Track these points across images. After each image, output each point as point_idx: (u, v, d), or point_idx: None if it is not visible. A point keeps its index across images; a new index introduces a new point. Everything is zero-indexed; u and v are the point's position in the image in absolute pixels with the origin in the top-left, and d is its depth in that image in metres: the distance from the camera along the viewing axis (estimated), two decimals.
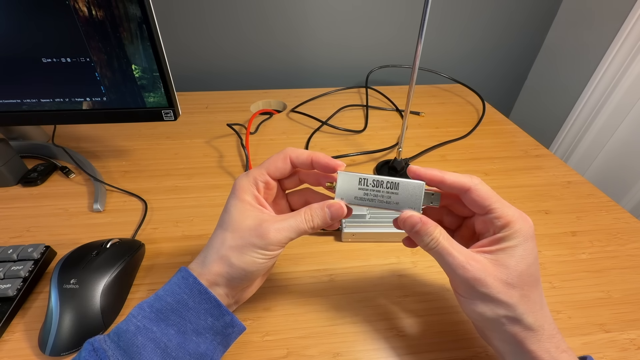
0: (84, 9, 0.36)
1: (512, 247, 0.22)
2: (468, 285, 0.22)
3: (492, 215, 0.23)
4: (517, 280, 0.22)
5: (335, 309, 0.32)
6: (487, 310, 0.22)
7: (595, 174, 0.80)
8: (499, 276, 0.22)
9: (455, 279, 0.23)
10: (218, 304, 0.23)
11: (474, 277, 0.22)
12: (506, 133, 0.61)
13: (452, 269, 0.22)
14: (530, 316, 0.22)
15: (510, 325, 0.22)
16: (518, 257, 0.22)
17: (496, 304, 0.22)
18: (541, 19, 0.81)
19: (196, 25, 0.73)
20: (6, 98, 0.42)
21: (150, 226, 0.41)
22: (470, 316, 0.24)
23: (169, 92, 0.42)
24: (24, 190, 0.46)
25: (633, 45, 0.64)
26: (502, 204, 0.24)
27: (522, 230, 0.22)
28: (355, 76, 0.82)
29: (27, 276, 0.32)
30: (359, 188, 0.25)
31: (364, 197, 0.25)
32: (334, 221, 0.25)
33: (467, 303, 0.23)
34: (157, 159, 0.53)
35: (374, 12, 0.75)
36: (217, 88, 0.78)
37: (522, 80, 0.92)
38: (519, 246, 0.22)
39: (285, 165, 0.26)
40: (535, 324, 0.22)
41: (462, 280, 0.22)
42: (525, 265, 0.22)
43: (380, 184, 0.25)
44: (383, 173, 0.49)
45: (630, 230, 0.41)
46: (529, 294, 0.22)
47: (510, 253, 0.22)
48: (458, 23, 0.79)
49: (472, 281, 0.22)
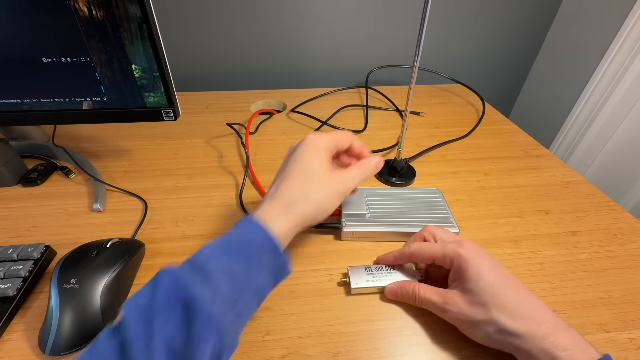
0: (84, 8, 0.36)
1: (465, 275, 0.26)
2: (455, 320, 0.27)
3: (438, 262, 0.29)
4: (484, 296, 0.25)
5: (335, 309, 0.32)
6: (478, 332, 0.26)
7: (595, 174, 0.80)
8: (468, 301, 0.26)
9: (445, 316, 0.28)
10: (276, 246, 0.25)
11: (453, 315, 0.27)
12: (506, 133, 0.61)
13: (438, 311, 0.29)
14: (512, 323, 0.24)
15: (502, 336, 0.25)
16: (473, 279, 0.26)
17: (481, 325, 0.25)
18: (541, 19, 0.81)
19: (197, 26, 0.73)
20: (6, 98, 0.42)
21: (150, 226, 0.41)
22: (477, 341, 0.27)
23: (169, 92, 0.42)
24: (24, 190, 0.46)
25: (633, 45, 0.64)
26: (438, 248, 0.29)
27: (463, 256, 0.27)
28: (356, 76, 0.82)
29: (27, 276, 0.32)
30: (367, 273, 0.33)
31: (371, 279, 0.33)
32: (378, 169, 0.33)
33: (465, 332, 0.28)
34: (157, 159, 0.53)
35: (374, 12, 0.75)
36: (217, 88, 0.78)
37: (522, 80, 0.92)
38: (468, 270, 0.26)
39: (346, 145, 0.33)
40: (519, 329, 0.24)
41: (450, 316, 0.27)
42: (483, 281, 0.26)
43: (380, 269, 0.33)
44: (384, 173, 0.48)
45: (630, 230, 0.41)
46: (503, 303, 0.25)
47: (466, 279, 0.26)
48: (458, 23, 0.79)
49: (454, 315, 0.27)
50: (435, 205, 0.41)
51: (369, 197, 0.42)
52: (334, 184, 0.29)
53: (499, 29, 0.81)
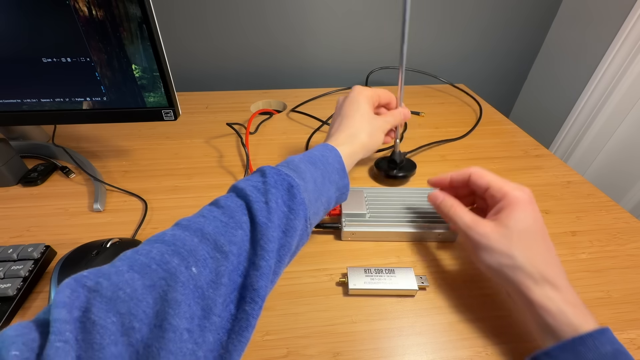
0: (84, 8, 0.36)
1: (510, 212, 0.28)
2: (475, 240, 0.28)
3: (491, 191, 0.30)
4: (517, 236, 0.27)
5: (335, 309, 0.32)
6: (491, 260, 0.27)
7: (595, 174, 0.80)
8: (499, 232, 0.27)
9: (466, 237, 0.30)
10: (344, 168, 0.32)
11: (478, 232, 0.28)
12: (506, 133, 0.61)
13: (463, 228, 0.30)
14: (531, 266, 0.26)
15: (513, 272, 0.26)
16: (516, 219, 0.27)
17: (498, 254, 0.27)
18: (541, 19, 0.81)
19: (197, 26, 0.73)
20: (6, 98, 0.42)
21: (151, 226, 0.41)
22: (481, 268, 0.30)
23: (169, 91, 0.42)
24: (24, 190, 0.46)
25: (633, 45, 0.64)
26: (499, 181, 0.30)
27: (518, 198, 0.28)
28: (356, 77, 0.82)
29: (27, 276, 0.32)
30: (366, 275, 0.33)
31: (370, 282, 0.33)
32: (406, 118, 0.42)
33: (477, 256, 0.29)
34: (157, 159, 0.53)
35: (374, 13, 0.75)
36: (217, 88, 0.78)
37: (522, 80, 0.92)
38: (516, 211, 0.27)
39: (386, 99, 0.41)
40: (535, 273, 0.25)
41: (470, 236, 0.29)
42: (523, 225, 0.27)
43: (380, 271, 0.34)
44: (382, 167, 0.48)
45: (630, 230, 0.41)
46: (530, 249, 0.26)
47: (509, 216, 0.27)
48: (458, 23, 0.79)
49: (477, 236, 0.28)
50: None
51: (369, 197, 0.42)
52: (379, 123, 0.38)
53: (499, 29, 0.81)
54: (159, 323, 0.18)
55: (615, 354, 0.23)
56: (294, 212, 0.25)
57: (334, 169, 0.31)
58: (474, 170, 0.32)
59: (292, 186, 0.26)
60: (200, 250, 0.22)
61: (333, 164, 0.31)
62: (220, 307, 0.21)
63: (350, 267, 0.34)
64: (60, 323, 0.16)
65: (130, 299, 0.18)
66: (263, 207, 0.25)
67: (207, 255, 0.22)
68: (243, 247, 0.23)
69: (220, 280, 0.21)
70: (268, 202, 0.25)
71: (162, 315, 0.18)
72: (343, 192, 0.32)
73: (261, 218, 0.24)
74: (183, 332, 0.19)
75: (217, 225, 0.23)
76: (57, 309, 0.17)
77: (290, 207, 0.26)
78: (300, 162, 0.29)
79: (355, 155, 0.35)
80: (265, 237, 0.23)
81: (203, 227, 0.23)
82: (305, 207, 0.26)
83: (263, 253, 0.23)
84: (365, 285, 0.32)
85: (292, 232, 0.25)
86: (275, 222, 0.24)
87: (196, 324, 0.20)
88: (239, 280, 0.22)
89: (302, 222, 0.26)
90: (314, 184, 0.28)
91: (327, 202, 0.30)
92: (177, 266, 0.20)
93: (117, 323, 0.17)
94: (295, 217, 0.25)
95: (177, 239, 0.22)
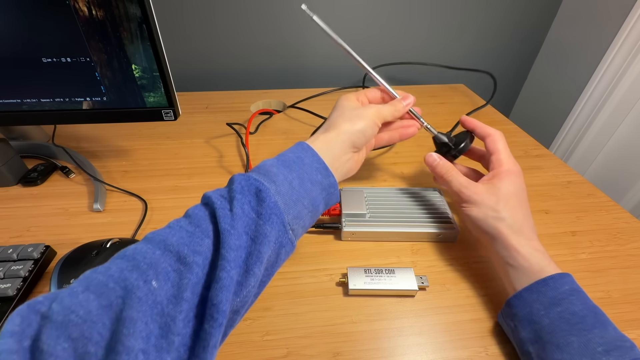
0: (84, 8, 0.36)
1: (501, 179, 0.33)
2: (467, 197, 0.33)
3: (494, 157, 0.35)
4: (504, 197, 0.32)
5: (335, 309, 0.32)
6: (479, 212, 0.32)
7: (595, 174, 0.80)
8: (488, 191, 0.32)
9: (459, 195, 0.34)
10: (325, 166, 0.30)
11: (471, 191, 0.33)
12: (506, 133, 0.60)
13: (458, 187, 0.34)
14: (511, 219, 0.31)
15: (495, 222, 0.31)
16: (505, 184, 0.32)
17: (485, 207, 0.32)
18: (541, 19, 0.81)
19: (197, 26, 0.73)
20: (6, 98, 0.42)
21: (151, 226, 0.41)
22: (467, 222, 0.34)
23: (169, 91, 0.42)
24: (24, 190, 0.46)
25: (633, 45, 0.64)
26: (504, 152, 0.35)
27: (511, 170, 0.33)
28: (357, 77, 0.82)
29: (27, 276, 0.32)
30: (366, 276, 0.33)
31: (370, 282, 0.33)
32: (409, 106, 0.38)
33: (466, 211, 0.33)
34: (157, 159, 0.53)
35: (376, 11, 0.75)
36: (217, 88, 0.78)
37: (522, 80, 0.92)
38: (506, 179, 0.33)
39: (373, 95, 0.39)
40: (515, 225, 0.30)
41: (464, 194, 0.33)
42: (510, 190, 0.32)
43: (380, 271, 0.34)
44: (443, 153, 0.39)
45: (630, 230, 0.41)
46: (512, 208, 0.31)
47: (500, 182, 0.33)
48: (458, 23, 0.79)
49: (470, 193, 0.33)
50: (435, 205, 0.41)
51: (369, 197, 0.42)
52: (367, 110, 0.34)
53: (499, 29, 0.81)
54: (113, 344, 0.17)
55: (572, 292, 0.26)
56: (263, 217, 0.24)
57: (313, 168, 0.29)
58: (493, 133, 0.36)
59: (260, 190, 0.25)
60: (162, 262, 0.20)
61: (311, 163, 0.29)
62: (181, 324, 0.19)
63: (350, 267, 0.34)
64: (6, 354, 0.15)
65: (83, 322, 0.17)
66: (227, 214, 0.23)
67: (169, 268, 0.20)
68: (209, 257, 0.22)
69: (182, 294, 0.20)
70: (232, 209, 0.23)
71: (117, 336, 0.17)
72: (331, 191, 0.30)
73: (224, 225, 0.22)
74: (138, 353, 0.17)
75: (182, 235, 0.22)
76: (4, 339, 0.16)
77: (259, 213, 0.24)
78: (271, 165, 0.28)
79: (333, 144, 0.32)
80: (227, 245, 0.22)
81: (167, 238, 0.22)
82: (280, 210, 0.25)
83: (223, 263, 0.21)
84: (365, 285, 0.32)
85: (262, 238, 0.23)
86: (239, 229, 0.23)
87: (152, 344, 0.18)
88: (205, 293, 0.21)
89: (276, 227, 0.24)
90: (289, 186, 0.26)
91: (312, 204, 0.28)
92: (134, 281, 0.19)
93: (69, 349, 0.16)
94: (266, 223, 0.24)
95: (138, 252, 0.21)
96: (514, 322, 0.28)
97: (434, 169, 0.37)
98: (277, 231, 0.24)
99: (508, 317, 0.29)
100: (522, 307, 0.27)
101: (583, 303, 0.26)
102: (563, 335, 0.25)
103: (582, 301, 0.26)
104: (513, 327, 0.28)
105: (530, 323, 0.27)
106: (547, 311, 0.26)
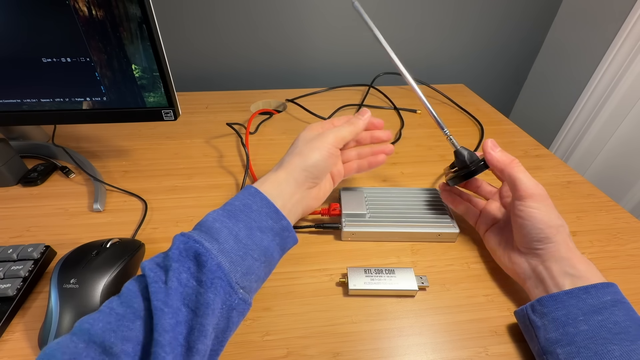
0: (84, 8, 0.36)
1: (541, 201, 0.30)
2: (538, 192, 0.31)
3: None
4: None
5: (335, 309, 0.32)
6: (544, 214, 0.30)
7: (595, 174, 0.80)
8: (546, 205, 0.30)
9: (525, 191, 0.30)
10: (276, 209, 0.28)
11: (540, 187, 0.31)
12: (506, 133, 0.61)
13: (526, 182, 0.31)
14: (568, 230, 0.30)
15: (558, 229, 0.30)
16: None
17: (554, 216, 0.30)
18: (541, 19, 0.81)
19: (197, 26, 0.73)
20: (6, 98, 0.42)
21: (150, 226, 0.41)
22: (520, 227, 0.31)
23: (169, 92, 0.42)
24: (24, 190, 0.46)
25: (633, 45, 0.64)
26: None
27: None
28: (357, 78, 0.82)
29: (27, 276, 0.32)
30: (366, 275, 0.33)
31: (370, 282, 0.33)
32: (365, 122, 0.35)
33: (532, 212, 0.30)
34: (157, 159, 0.53)
35: (382, 15, 0.75)
36: (217, 88, 0.78)
37: (522, 80, 0.92)
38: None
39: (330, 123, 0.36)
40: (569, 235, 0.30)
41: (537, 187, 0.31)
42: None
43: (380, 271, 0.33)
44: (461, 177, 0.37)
45: (630, 230, 0.41)
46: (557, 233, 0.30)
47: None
48: (458, 23, 0.79)
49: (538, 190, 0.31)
50: (435, 205, 0.41)
51: (368, 197, 0.42)
52: (321, 138, 0.32)
53: (499, 29, 0.81)
54: None
55: (614, 303, 0.26)
56: (205, 285, 0.22)
57: (262, 214, 0.27)
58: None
59: (200, 254, 0.23)
60: (84, 357, 0.18)
61: (259, 209, 0.27)
62: None
63: (350, 267, 0.34)
64: None
65: None
66: (160, 288, 0.21)
67: None
68: (141, 341, 0.20)
69: None
70: (167, 281, 0.21)
71: None
72: (285, 235, 0.28)
73: (156, 303, 0.20)
74: None
75: (110, 320, 0.20)
76: None
77: (200, 280, 0.22)
78: (214, 220, 0.25)
79: (284, 184, 0.30)
80: (160, 326, 0.19)
81: (92, 326, 0.19)
82: (224, 272, 0.23)
83: (157, 350, 0.19)
84: (365, 285, 0.32)
85: (204, 309, 0.21)
86: (175, 303, 0.21)
87: None
88: None
89: (222, 291, 0.22)
90: (234, 240, 0.25)
91: (264, 254, 0.26)
92: None
93: None
94: (208, 290, 0.22)
95: (58, 348, 0.19)
96: (542, 320, 0.27)
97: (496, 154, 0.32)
98: (223, 295, 0.23)
99: (537, 314, 0.28)
100: (558, 309, 0.27)
101: (626, 314, 0.25)
102: (603, 343, 0.24)
103: (625, 312, 0.25)
104: (540, 325, 0.27)
105: (564, 325, 0.26)
106: (586, 317, 0.26)
